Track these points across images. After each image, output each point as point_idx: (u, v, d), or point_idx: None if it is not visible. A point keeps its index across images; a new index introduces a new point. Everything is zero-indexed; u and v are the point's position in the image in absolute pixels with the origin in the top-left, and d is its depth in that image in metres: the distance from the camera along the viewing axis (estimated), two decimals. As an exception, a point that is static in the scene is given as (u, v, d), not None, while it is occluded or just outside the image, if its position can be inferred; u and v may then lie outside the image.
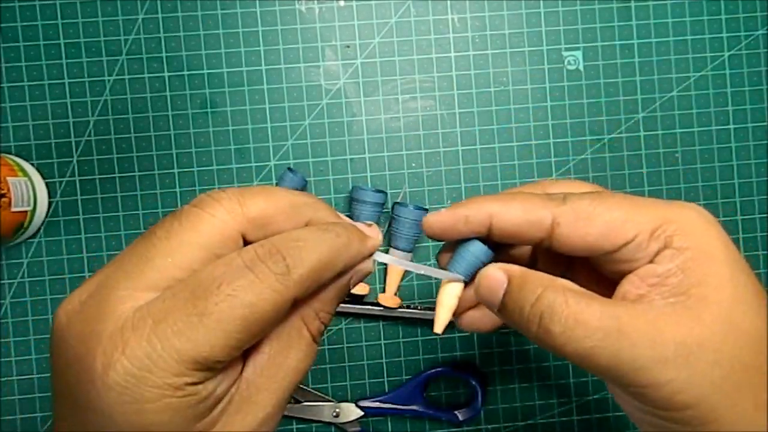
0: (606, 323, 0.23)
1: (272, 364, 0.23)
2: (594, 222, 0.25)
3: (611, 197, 0.25)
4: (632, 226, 0.24)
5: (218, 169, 0.47)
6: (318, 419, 0.47)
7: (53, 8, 0.46)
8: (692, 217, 0.25)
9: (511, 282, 0.25)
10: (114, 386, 0.20)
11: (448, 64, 0.48)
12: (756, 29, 0.48)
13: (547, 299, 0.24)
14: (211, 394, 0.21)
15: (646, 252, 0.24)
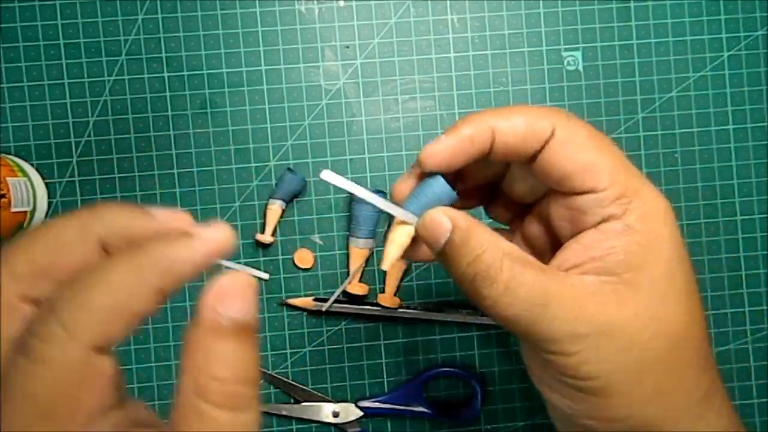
0: (533, 295, 0.24)
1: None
2: (582, 152, 0.25)
3: (609, 146, 0.25)
4: (608, 178, 0.25)
5: (218, 169, 0.47)
6: (318, 419, 0.47)
7: (53, 8, 0.46)
8: (659, 205, 0.25)
9: (455, 232, 0.25)
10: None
11: (447, 65, 0.48)
12: (755, 29, 0.48)
13: (484, 262, 0.24)
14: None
15: (603, 210, 0.25)
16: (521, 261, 0.24)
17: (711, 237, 0.49)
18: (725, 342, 0.49)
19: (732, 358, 0.49)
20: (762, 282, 0.49)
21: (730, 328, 0.49)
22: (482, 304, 0.25)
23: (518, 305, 0.24)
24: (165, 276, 0.18)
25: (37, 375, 0.17)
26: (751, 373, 0.49)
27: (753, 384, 0.49)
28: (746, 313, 0.49)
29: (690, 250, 0.49)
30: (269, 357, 0.48)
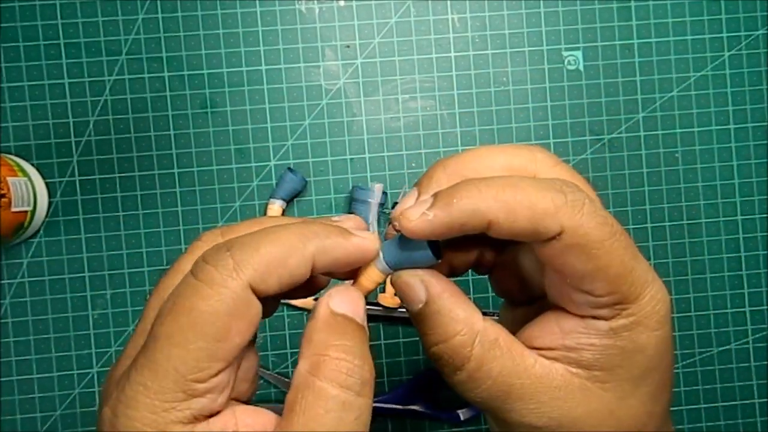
0: (495, 387, 0.23)
1: None
2: (588, 260, 0.22)
3: (624, 240, 0.22)
4: (608, 288, 0.22)
5: (218, 169, 0.47)
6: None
7: (53, 8, 0.46)
8: (654, 312, 0.23)
9: (428, 305, 0.23)
10: None
11: (448, 64, 0.48)
12: (756, 29, 0.48)
13: (452, 348, 0.23)
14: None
15: (592, 311, 0.23)
16: (492, 347, 0.23)
17: (712, 237, 0.49)
18: (726, 342, 0.49)
19: (732, 358, 0.49)
20: (762, 282, 0.49)
21: (730, 328, 0.49)
22: (447, 379, 0.24)
23: (480, 394, 0.23)
24: (321, 251, 0.22)
25: (203, 293, 0.20)
26: (751, 373, 0.49)
27: (753, 384, 0.49)
28: (747, 313, 0.49)
29: (691, 250, 0.49)
30: (269, 357, 0.48)
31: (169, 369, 0.20)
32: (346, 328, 0.22)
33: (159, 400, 0.20)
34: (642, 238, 0.49)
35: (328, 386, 0.20)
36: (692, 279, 0.49)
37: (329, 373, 0.21)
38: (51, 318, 0.47)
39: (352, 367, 0.21)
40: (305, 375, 0.21)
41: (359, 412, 0.21)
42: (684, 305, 0.49)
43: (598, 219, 0.22)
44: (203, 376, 0.20)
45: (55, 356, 0.47)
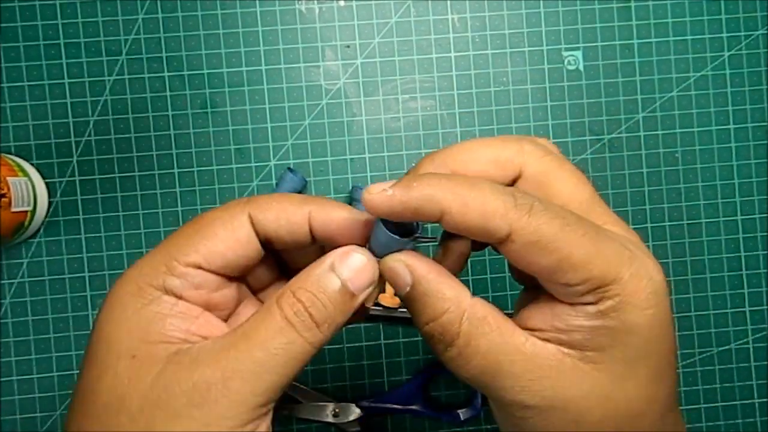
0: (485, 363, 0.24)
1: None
2: (547, 254, 0.22)
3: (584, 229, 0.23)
4: (581, 275, 0.22)
5: (218, 169, 0.47)
6: (318, 419, 0.47)
7: (53, 8, 0.46)
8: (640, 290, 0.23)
9: (415, 287, 0.24)
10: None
11: (448, 64, 0.48)
12: (756, 29, 0.48)
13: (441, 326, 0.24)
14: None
15: (577, 298, 0.23)
16: (480, 324, 0.24)
17: (711, 237, 0.49)
18: (726, 342, 0.49)
19: (732, 358, 0.49)
20: (762, 282, 0.49)
21: (730, 328, 0.49)
22: (439, 357, 0.25)
23: (470, 370, 0.24)
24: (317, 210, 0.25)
25: (212, 210, 0.26)
26: (751, 373, 0.49)
27: (753, 384, 0.49)
28: (747, 313, 0.49)
29: (691, 250, 0.49)
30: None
31: (163, 248, 0.25)
32: (327, 285, 0.24)
33: (146, 267, 0.24)
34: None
35: (277, 312, 0.23)
36: (692, 279, 0.49)
37: (285, 303, 0.23)
38: (51, 318, 0.47)
39: (303, 309, 0.23)
40: (273, 299, 0.24)
41: (291, 345, 0.23)
42: (684, 305, 0.49)
43: (549, 215, 0.23)
44: (181, 258, 0.24)
45: (55, 356, 0.47)
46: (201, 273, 0.25)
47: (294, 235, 0.25)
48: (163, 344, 0.23)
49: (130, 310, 0.24)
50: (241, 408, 0.22)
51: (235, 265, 0.25)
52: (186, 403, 0.22)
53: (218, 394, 0.22)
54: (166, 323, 0.24)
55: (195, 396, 0.22)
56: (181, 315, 0.24)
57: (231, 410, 0.22)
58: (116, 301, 0.24)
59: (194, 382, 0.22)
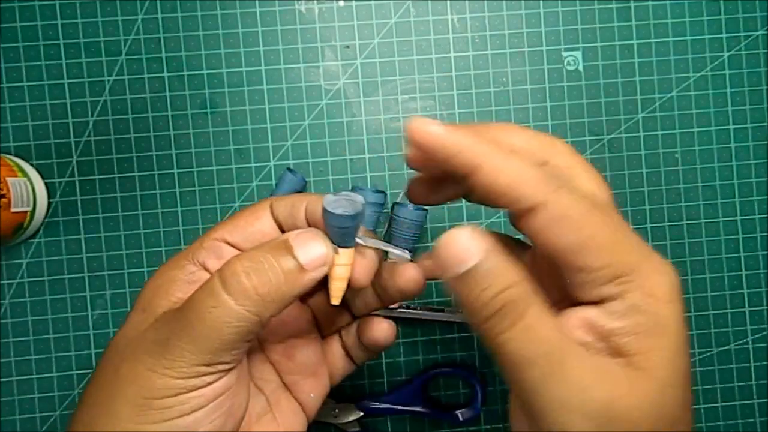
0: (550, 350, 0.22)
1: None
2: (572, 232, 0.22)
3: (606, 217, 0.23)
4: (602, 258, 0.23)
5: (218, 169, 0.47)
6: (318, 419, 0.47)
7: (53, 8, 0.46)
8: (661, 282, 0.23)
9: (482, 264, 0.22)
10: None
11: (447, 65, 0.48)
12: (756, 29, 0.48)
13: (511, 297, 0.22)
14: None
15: (598, 290, 0.23)
16: (547, 311, 0.23)
17: (711, 237, 0.49)
18: (725, 342, 0.49)
19: (732, 358, 0.49)
20: (762, 282, 0.49)
21: (730, 328, 0.49)
22: (497, 339, 0.22)
23: (535, 349, 0.22)
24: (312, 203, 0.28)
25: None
26: (751, 373, 0.49)
27: (753, 384, 0.49)
28: (746, 313, 0.49)
29: (690, 250, 0.49)
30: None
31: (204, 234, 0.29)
32: (272, 255, 0.25)
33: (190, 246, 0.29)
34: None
35: (215, 275, 0.25)
36: (692, 279, 0.49)
37: (224, 267, 0.25)
38: (51, 318, 0.47)
39: (240, 271, 0.24)
40: (215, 275, 0.25)
41: (221, 307, 0.24)
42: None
43: (577, 196, 0.23)
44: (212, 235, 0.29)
45: (54, 356, 0.47)
46: (224, 246, 0.28)
47: (294, 219, 0.28)
48: (164, 301, 0.27)
49: (159, 274, 0.28)
50: (180, 363, 0.24)
51: (254, 241, 0.28)
52: (143, 351, 0.25)
53: (163, 349, 0.24)
54: (176, 284, 0.27)
55: (153, 347, 0.25)
56: (193, 280, 0.27)
57: (170, 362, 0.24)
58: (157, 271, 0.29)
59: (156, 336, 0.25)
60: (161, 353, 0.24)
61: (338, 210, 0.25)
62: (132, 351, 0.25)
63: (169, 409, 0.24)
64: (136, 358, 0.25)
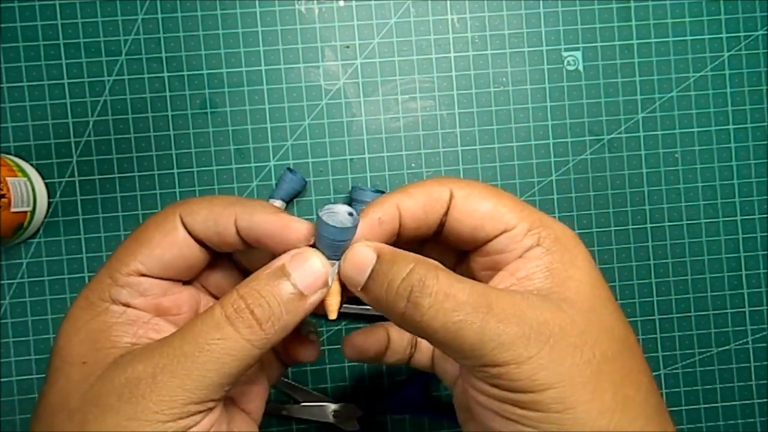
0: (475, 298, 0.23)
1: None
2: (485, 201, 0.26)
3: (505, 194, 0.27)
4: (514, 217, 0.26)
5: (218, 169, 0.47)
6: (318, 419, 0.47)
7: (52, 8, 0.46)
8: (564, 230, 0.27)
9: (381, 258, 0.24)
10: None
11: (447, 65, 0.48)
12: (755, 29, 0.48)
13: (418, 273, 0.23)
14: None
15: (519, 245, 0.26)
16: (454, 274, 0.24)
17: (711, 237, 0.49)
18: (725, 342, 0.49)
19: (732, 358, 0.49)
20: (762, 282, 0.49)
21: (730, 328, 0.49)
22: (423, 318, 0.23)
23: (461, 309, 0.23)
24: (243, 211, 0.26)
25: (148, 220, 0.27)
26: (751, 373, 0.49)
27: (753, 384, 0.49)
28: (746, 313, 0.49)
29: (691, 250, 0.49)
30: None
31: (107, 263, 0.26)
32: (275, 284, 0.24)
33: (94, 283, 0.26)
34: (642, 238, 0.49)
35: (217, 308, 0.23)
36: (692, 279, 0.49)
37: (227, 302, 0.23)
38: (51, 318, 0.47)
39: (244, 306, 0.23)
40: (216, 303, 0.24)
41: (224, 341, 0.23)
42: (684, 305, 0.49)
43: (473, 180, 0.27)
44: (123, 269, 0.25)
45: (54, 356, 0.47)
46: (144, 279, 0.25)
47: (222, 237, 0.26)
48: (111, 349, 0.24)
49: (81, 322, 0.25)
50: (170, 403, 0.22)
51: (175, 267, 0.26)
52: (117, 398, 0.22)
53: (146, 388, 0.22)
54: (113, 330, 0.24)
55: (125, 391, 0.22)
56: (129, 322, 0.25)
57: (158, 405, 0.22)
58: (70, 317, 0.25)
59: (126, 378, 0.23)
60: (144, 397, 0.22)
61: (337, 223, 0.24)
62: (95, 404, 0.22)
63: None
64: (105, 410, 0.22)
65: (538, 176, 0.48)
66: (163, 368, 0.22)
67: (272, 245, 0.25)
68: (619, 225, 0.49)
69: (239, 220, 0.25)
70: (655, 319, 0.49)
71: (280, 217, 0.25)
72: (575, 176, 0.48)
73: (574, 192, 0.48)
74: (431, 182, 0.27)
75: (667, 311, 0.49)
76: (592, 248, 0.48)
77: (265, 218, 0.25)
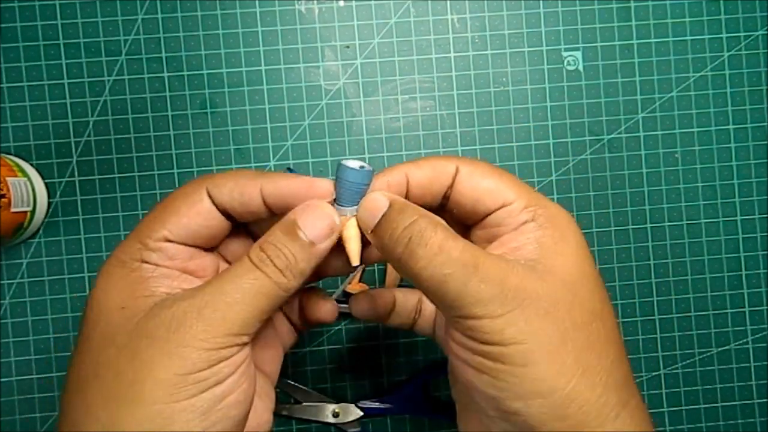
0: (465, 257, 0.26)
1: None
2: (487, 177, 0.28)
3: (507, 173, 0.29)
4: (513, 193, 0.28)
5: (218, 169, 0.47)
6: (318, 419, 0.47)
7: (52, 8, 0.46)
8: (559, 210, 0.29)
9: (392, 206, 0.27)
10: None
11: (447, 65, 0.48)
12: (756, 29, 0.48)
13: (419, 225, 0.26)
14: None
15: (515, 219, 0.28)
16: (452, 231, 0.27)
17: (711, 237, 0.49)
18: (725, 342, 0.49)
19: (732, 358, 0.49)
20: (762, 282, 0.49)
21: (730, 328, 0.49)
22: (416, 265, 0.26)
23: (451, 264, 0.25)
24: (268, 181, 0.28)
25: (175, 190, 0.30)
26: (751, 373, 0.49)
27: (753, 384, 0.49)
28: (746, 313, 0.49)
29: (691, 250, 0.49)
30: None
31: (137, 229, 0.29)
32: (289, 237, 0.27)
33: (125, 246, 0.29)
34: (642, 238, 0.49)
35: (246, 259, 0.27)
36: (692, 279, 0.49)
37: (253, 254, 0.27)
38: (50, 318, 0.47)
39: (266, 258, 0.27)
40: (247, 253, 0.27)
41: (257, 281, 0.26)
42: (684, 305, 0.49)
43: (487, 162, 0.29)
44: (152, 235, 0.28)
45: (54, 356, 0.47)
46: (172, 245, 0.28)
47: (248, 207, 0.28)
48: (150, 297, 0.27)
49: (116, 277, 0.28)
50: (214, 332, 0.25)
51: (200, 235, 0.29)
52: (165, 330, 0.25)
53: (193, 320, 0.25)
54: (149, 282, 0.27)
55: (173, 323, 0.25)
56: (162, 276, 0.28)
57: (203, 333, 0.25)
58: (105, 274, 0.28)
59: (173, 313, 0.26)
60: (191, 326, 0.25)
61: (356, 165, 0.28)
62: (144, 336, 0.25)
63: (205, 381, 0.25)
64: (154, 340, 0.25)
65: (538, 176, 0.48)
66: (206, 304, 0.26)
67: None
68: (619, 225, 0.49)
69: (265, 188, 0.28)
70: (655, 319, 0.49)
71: (304, 179, 0.28)
72: (575, 176, 0.48)
73: (574, 192, 0.48)
74: (440, 158, 0.29)
75: (667, 311, 0.49)
76: (592, 248, 0.48)
77: (290, 182, 0.28)
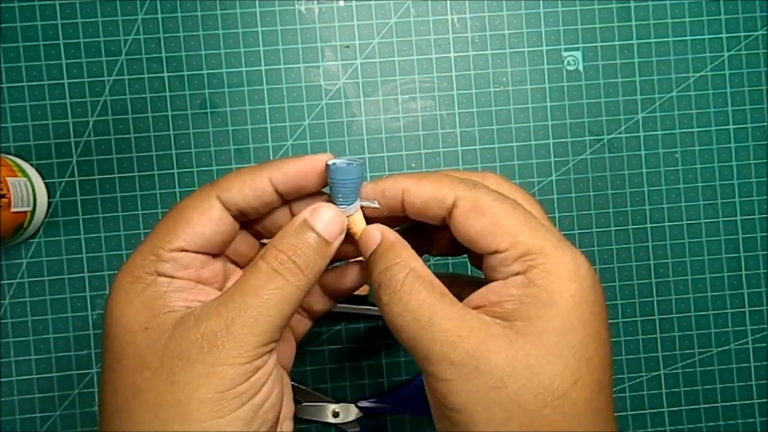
0: (419, 313, 0.26)
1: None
2: (482, 218, 0.27)
3: (515, 207, 0.27)
4: (509, 239, 0.26)
5: (218, 169, 0.47)
6: (318, 419, 0.47)
7: (52, 8, 0.46)
8: (563, 262, 0.26)
9: (381, 244, 0.28)
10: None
11: (447, 65, 0.48)
12: (756, 29, 0.48)
13: (390, 272, 0.27)
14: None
15: (507, 269, 0.26)
16: (423, 281, 0.27)
17: (711, 237, 0.49)
18: (725, 342, 0.49)
19: (732, 358, 0.49)
20: (762, 282, 0.49)
21: (730, 328, 0.49)
22: (381, 307, 0.27)
23: (406, 316, 0.26)
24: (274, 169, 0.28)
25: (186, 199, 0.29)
26: (751, 373, 0.49)
27: (753, 384, 0.49)
28: (746, 313, 0.49)
29: (691, 251, 0.49)
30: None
31: (148, 240, 0.28)
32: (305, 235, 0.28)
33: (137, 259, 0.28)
34: (642, 238, 0.49)
35: (263, 265, 0.27)
36: (692, 279, 0.49)
37: (269, 256, 0.27)
38: (51, 318, 0.47)
39: (287, 258, 0.27)
40: (257, 258, 0.27)
41: (279, 289, 0.26)
42: (684, 305, 0.49)
43: (488, 190, 0.27)
44: (166, 246, 0.27)
45: (54, 356, 0.47)
46: (186, 255, 0.28)
47: (261, 200, 0.29)
48: (169, 314, 0.27)
49: (133, 295, 0.27)
50: (245, 347, 0.26)
51: (214, 242, 0.29)
52: (198, 351, 0.25)
53: (223, 338, 0.26)
54: (167, 297, 0.27)
55: (204, 344, 0.25)
56: (178, 289, 0.28)
57: (236, 350, 0.26)
58: (120, 291, 0.28)
59: (202, 333, 0.26)
60: (223, 345, 0.26)
61: (344, 162, 0.28)
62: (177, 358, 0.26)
63: (244, 394, 0.26)
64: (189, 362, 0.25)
65: (538, 176, 0.48)
66: (233, 320, 0.26)
67: (310, 183, 0.29)
68: (619, 225, 0.49)
69: (274, 177, 0.28)
70: (655, 319, 0.49)
71: (306, 159, 0.29)
72: (575, 176, 0.48)
73: (574, 192, 0.48)
74: (442, 180, 0.28)
75: (667, 311, 0.49)
76: (592, 248, 0.49)
77: (294, 164, 0.28)
